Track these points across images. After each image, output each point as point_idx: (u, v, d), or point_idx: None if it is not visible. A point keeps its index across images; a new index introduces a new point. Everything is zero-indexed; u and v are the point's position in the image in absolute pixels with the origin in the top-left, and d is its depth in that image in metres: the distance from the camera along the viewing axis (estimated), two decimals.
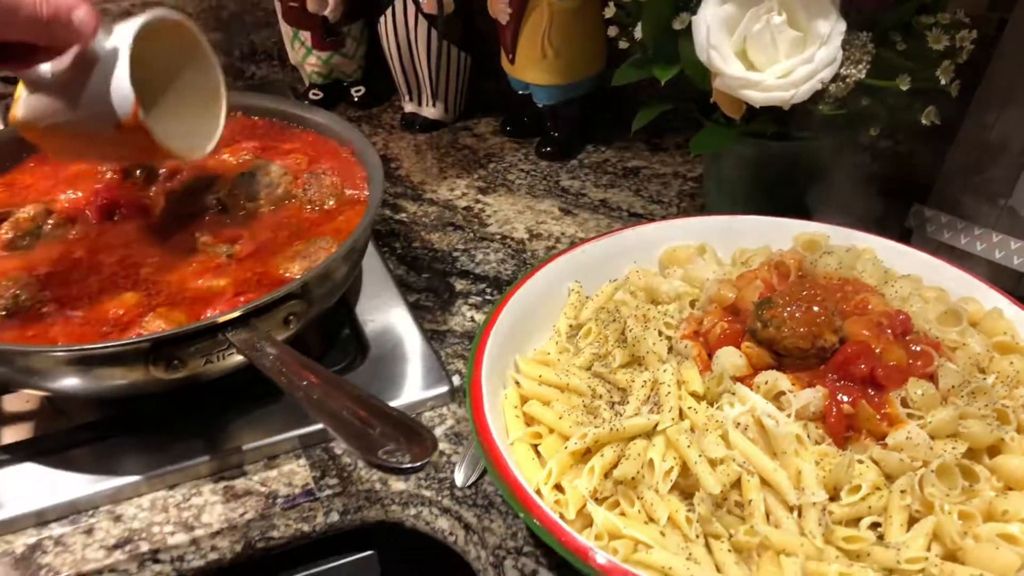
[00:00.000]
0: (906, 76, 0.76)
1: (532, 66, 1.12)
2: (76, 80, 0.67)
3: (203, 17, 1.33)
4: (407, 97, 1.28)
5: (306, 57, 1.28)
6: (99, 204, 0.85)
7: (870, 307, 0.70)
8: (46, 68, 0.68)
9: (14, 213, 0.83)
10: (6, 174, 0.91)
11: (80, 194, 0.87)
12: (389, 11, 1.17)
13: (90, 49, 0.66)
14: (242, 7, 1.34)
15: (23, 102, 0.71)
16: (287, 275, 0.76)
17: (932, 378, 0.66)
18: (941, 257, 0.79)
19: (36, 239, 0.81)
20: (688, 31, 0.81)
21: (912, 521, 0.59)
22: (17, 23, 0.59)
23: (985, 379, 0.67)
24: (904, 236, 0.90)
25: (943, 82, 0.76)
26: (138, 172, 0.89)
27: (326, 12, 1.19)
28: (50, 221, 0.83)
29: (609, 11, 0.90)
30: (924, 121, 0.79)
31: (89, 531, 0.68)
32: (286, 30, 1.27)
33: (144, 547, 0.67)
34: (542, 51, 1.09)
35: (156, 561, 0.67)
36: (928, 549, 0.57)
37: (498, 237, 1.03)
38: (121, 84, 0.66)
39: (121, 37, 0.67)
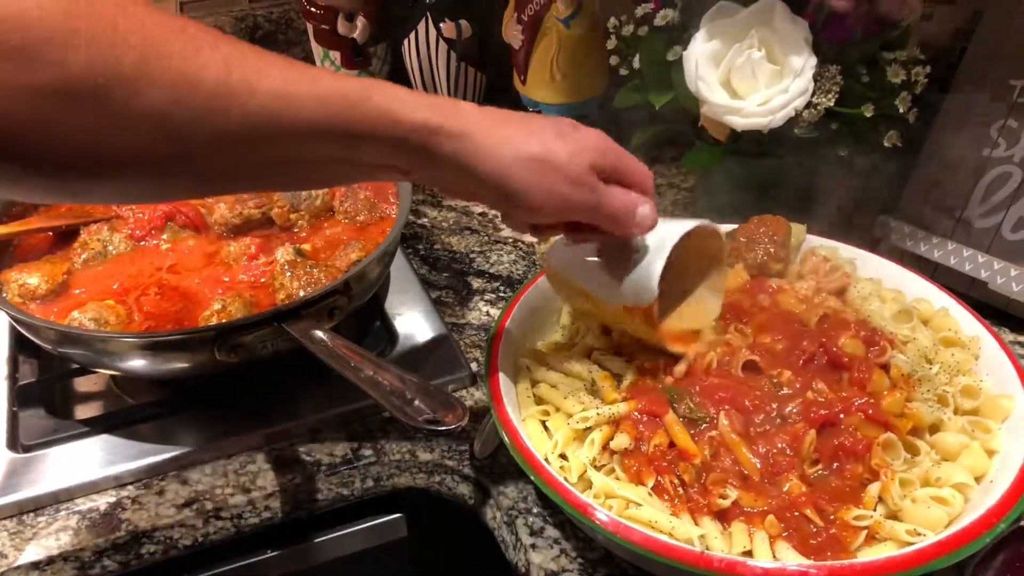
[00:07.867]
0: (869, 104, 0.87)
1: (542, 87, 1.21)
2: (612, 259, 0.72)
3: (238, 34, 1.42)
4: None
5: None
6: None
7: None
8: (593, 248, 0.73)
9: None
10: None
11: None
12: (412, 35, 1.26)
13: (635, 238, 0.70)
14: (276, 27, 1.44)
15: (560, 255, 0.77)
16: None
17: (885, 367, 0.76)
18: (903, 263, 0.88)
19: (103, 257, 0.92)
20: (680, 63, 0.91)
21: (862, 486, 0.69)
22: (598, 218, 0.65)
23: (931, 368, 0.78)
24: (872, 244, 0.99)
25: (901, 110, 0.87)
26: None
27: (355, 35, 1.28)
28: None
29: (611, 43, 1.01)
30: (886, 144, 0.89)
31: (160, 492, 0.79)
32: (317, 50, 1.36)
33: (208, 506, 0.78)
34: (551, 74, 1.19)
35: (219, 518, 0.78)
36: (874, 509, 0.67)
37: (510, 240, 1.13)
38: (649, 278, 0.69)
39: (665, 235, 0.70)
